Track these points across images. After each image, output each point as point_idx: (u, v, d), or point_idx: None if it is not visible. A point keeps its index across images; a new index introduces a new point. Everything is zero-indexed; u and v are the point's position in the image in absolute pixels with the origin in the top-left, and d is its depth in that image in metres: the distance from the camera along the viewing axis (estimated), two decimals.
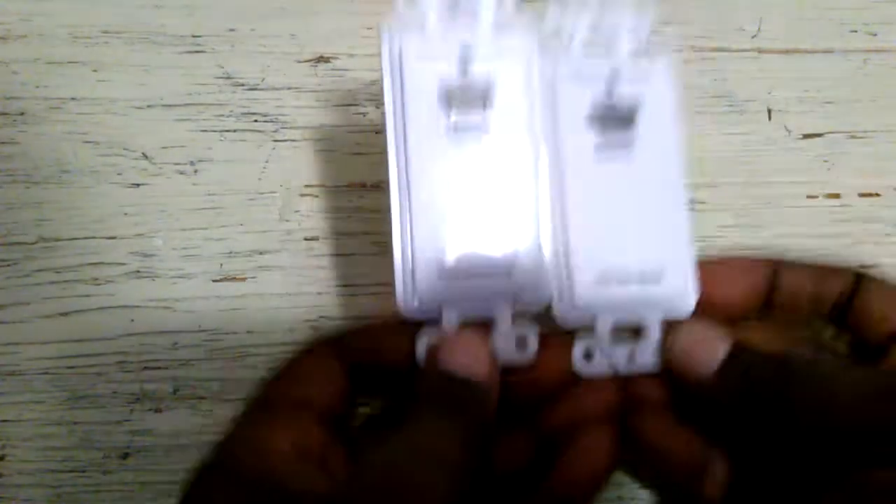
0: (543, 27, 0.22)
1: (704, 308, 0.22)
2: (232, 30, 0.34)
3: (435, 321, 0.21)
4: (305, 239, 0.29)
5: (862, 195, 0.31)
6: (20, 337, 0.27)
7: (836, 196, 0.31)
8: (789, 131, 0.32)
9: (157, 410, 0.27)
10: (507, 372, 0.21)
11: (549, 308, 0.22)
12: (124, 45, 0.33)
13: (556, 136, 0.22)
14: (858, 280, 0.21)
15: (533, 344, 0.21)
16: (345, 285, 0.29)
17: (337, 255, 0.29)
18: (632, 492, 0.26)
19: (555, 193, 0.22)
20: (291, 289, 0.28)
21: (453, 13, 0.22)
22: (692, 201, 0.30)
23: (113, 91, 0.32)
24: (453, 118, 0.21)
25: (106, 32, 0.34)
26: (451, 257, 0.20)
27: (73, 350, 0.27)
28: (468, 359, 0.20)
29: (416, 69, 0.21)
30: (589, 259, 0.21)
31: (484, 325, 0.21)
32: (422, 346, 0.21)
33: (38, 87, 0.32)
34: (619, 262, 0.21)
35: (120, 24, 0.34)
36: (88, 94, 0.32)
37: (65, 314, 0.28)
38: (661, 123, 0.22)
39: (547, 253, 0.21)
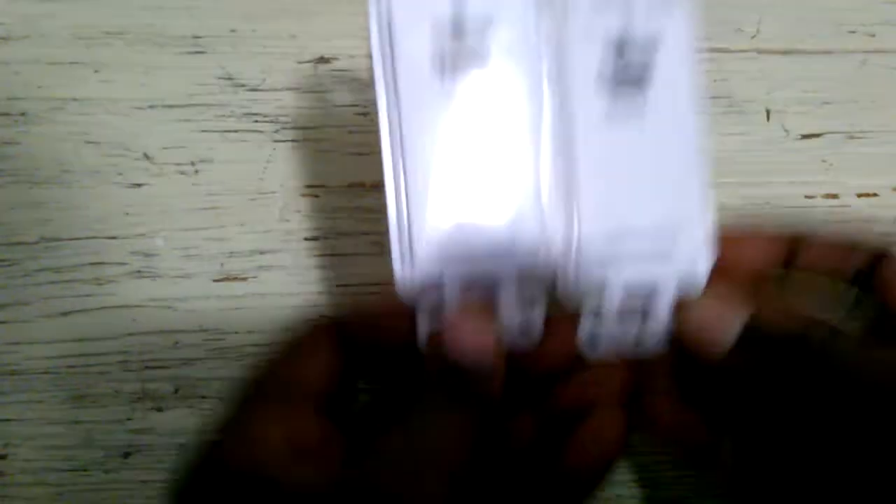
0: None
1: (720, 276, 0.20)
2: (233, 30, 0.34)
3: (435, 295, 0.19)
4: (306, 239, 0.29)
5: (860, 195, 0.31)
6: (22, 336, 0.27)
7: (835, 196, 0.31)
8: (788, 131, 0.32)
9: (159, 409, 0.27)
10: (513, 353, 0.20)
11: (554, 280, 0.20)
12: (125, 46, 0.33)
13: (564, 96, 0.20)
14: (880, 257, 0.21)
15: (539, 326, 0.20)
16: (345, 285, 0.29)
17: (337, 255, 0.29)
18: (631, 491, 0.26)
19: (563, 155, 0.20)
20: (292, 288, 0.28)
21: None
22: None
23: (114, 91, 0.32)
24: (448, 66, 0.19)
25: (107, 33, 0.34)
26: (450, 222, 0.19)
27: (75, 349, 0.27)
28: (474, 345, 0.18)
29: (407, 24, 0.19)
30: (599, 220, 0.20)
31: (488, 305, 0.20)
32: (423, 323, 0.19)
33: (39, 87, 0.32)
34: (630, 223, 0.20)
35: (121, 25, 0.34)
36: (90, 94, 0.32)
37: (66, 314, 0.28)
38: (676, 80, 0.20)
39: (550, 215, 0.20)
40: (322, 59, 0.33)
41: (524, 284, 0.20)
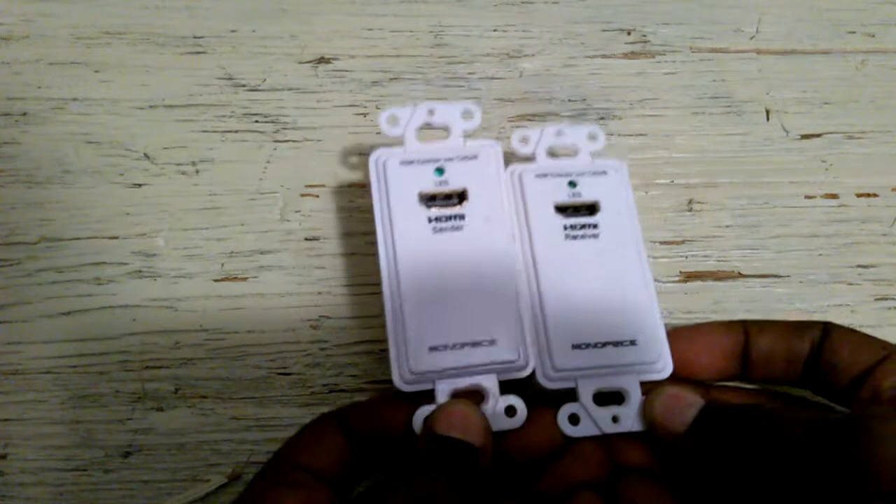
0: (513, 138, 0.26)
1: (682, 376, 0.23)
2: (233, 31, 0.34)
3: (429, 396, 0.22)
4: (306, 239, 0.29)
5: (859, 195, 0.31)
6: (22, 336, 0.28)
7: (834, 196, 0.31)
8: (787, 132, 0.32)
9: (159, 409, 0.27)
10: (500, 440, 0.22)
11: (532, 376, 0.23)
12: (126, 46, 0.34)
13: (527, 224, 0.25)
14: (826, 331, 0.23)
15: (522, 410, 0.22)
16: (345, 285, 0.29)
17: (337, 255, 0.29)
18: None
19: (529, 270, 0.24)
20: (292, 288, 0.29)
21: (430, 130, 0.26)
22: (691, 201, 0.30)
23: (115, 92, 0.32)
24: (433, 213, 0.24)
25: (107, 33, 0.34)
26: (438, 335, 0.22)
27: (75, 349, 0.27)
28: (462, 423, 0.21)
29: (398, 175, 0.24)
30: (564, 329, 0.23)
31: (475, 395, 0.23)
32: (419, 417, 0.22)
33: (40, 87, 0.32)
34: (593, 331, 0.23)
35: (121, 25, 0.34)
36: (90, 94, 0.32)
37: (67, 314, 0.28)
38: (619, 212, 0.25)
39: (527, 326, 0.23)
40: (322, 59, 0.34)
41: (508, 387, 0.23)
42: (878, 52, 0.34)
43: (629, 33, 0.35)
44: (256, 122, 0.32)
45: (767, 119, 0.32)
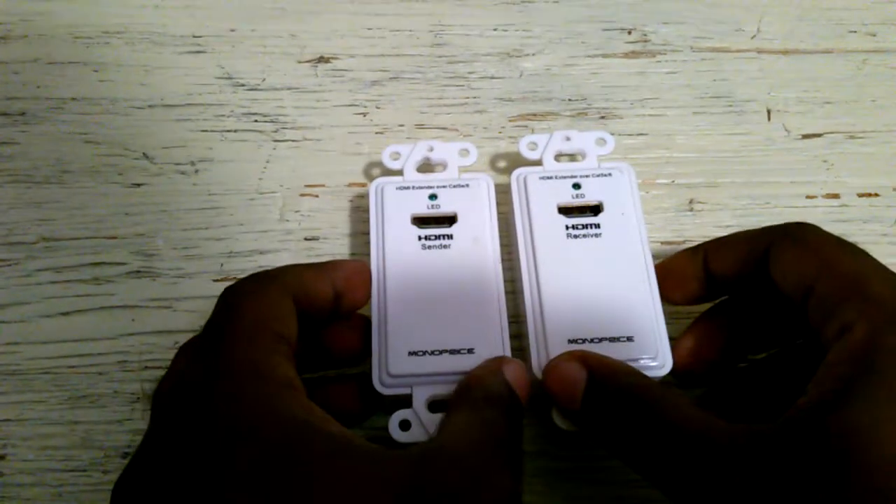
0: (521, 144, 0.27)
1: (665, 301, 0.24)
2: (232, 30, 0.34)
3: (407, 401, 0.23)
4: (305, 239, 0.29)
5: (861, 195, 0.31)
6: (21, 336, 0.27)
7: (836, 196, 0.31)
8: (788, 131, 0.32)
9: None
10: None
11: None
12: (125, 46, 0.33)
13: (530, 225, 0.25)
14: (773, 241, 0.22)
15: None
16: None
17: (336, 255, 0.29)
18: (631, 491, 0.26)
19: (530, 269, 0.25)
20: None
21: (428, 164, 0.28)
22: (692, 201, 0.30)
23: (114, 91, 0.32)
24: (423, 232, 0.25)
25: (106, 33, 0.34)
26: (418, 341, 0.23)
27: (74, 349, 0.27)
28: (520, 378, 0.21)
29: (394, 198, 0.26)
30: (560, 324, 0.23)
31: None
32: (395, 420, 0.22)
33: (38, 87, 0.32)
34: (589, 327, 0.23)
35: (121, 25, 0.34)
36: (89, 94, 0.32)
37: (66, 314, 0.28)
38: (623, 213, 0.25)
39: (506, 336, 0.24)
40: (322, 59, 0.33)
41: None
42: (880, 52, 0.34)
43: (630, 32, 0.35)
44: (255, 121, 0.32)
45: (769, 119, 0.32)
